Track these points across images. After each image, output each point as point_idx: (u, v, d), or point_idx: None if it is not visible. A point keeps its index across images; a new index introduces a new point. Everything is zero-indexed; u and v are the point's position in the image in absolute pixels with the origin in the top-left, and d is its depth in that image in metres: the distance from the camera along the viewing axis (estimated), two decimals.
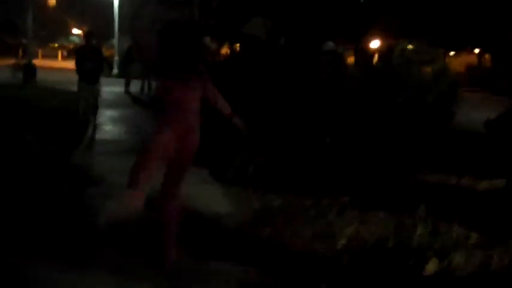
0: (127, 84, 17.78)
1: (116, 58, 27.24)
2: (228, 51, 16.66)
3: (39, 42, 54.80)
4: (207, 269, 4.05)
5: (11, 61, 21.71)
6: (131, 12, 32.06)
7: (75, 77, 9.37)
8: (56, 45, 56.15)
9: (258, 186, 6.23)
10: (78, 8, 48.37)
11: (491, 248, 4.57)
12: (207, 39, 16.09)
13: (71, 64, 38.74)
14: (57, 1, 54.58)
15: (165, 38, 3.69)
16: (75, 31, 55.78)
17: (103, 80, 10.38)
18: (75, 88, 9.48)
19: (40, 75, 19.78)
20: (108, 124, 10.78)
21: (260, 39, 14.33)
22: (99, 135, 9.56)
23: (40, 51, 49.31)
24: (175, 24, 3.71)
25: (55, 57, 48.17)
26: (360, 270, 4.08)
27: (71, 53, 49.90)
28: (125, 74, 18.37)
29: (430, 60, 8.95)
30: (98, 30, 43.02)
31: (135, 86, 17.69)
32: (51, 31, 54.50)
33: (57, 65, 37.75)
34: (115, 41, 28.50)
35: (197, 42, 3.90)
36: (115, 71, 26.86)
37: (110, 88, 18.75)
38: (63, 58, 49.17)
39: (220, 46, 16.25)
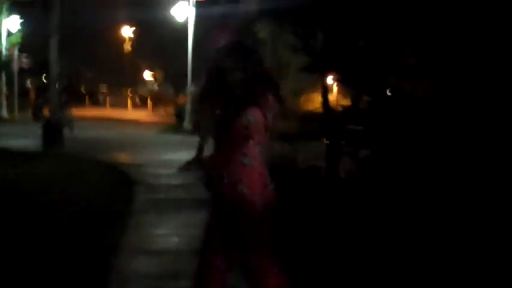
0: (200, 149, 11.21)
1: (188, 109, 21.48)
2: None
3: (112, 89, 51.47)
4: None
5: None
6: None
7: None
8: (129, 92, 51.99)
9: None
10: (151, 53, 44.14)
11: None
12: None
13: (140, 114, 33.80)
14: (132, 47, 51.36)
15: None
16: (147, 75, 51.99)
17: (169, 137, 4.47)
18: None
19: (91, 131, 17.09)
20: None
21: None
22: None
23: (107, 99, 45.27)
24: None
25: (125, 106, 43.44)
26: None
27: (144, 101, 45.41)
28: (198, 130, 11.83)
29: None
30: (175, 77, 38.70)
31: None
32: (125, 77, 50.98)
33: (124, 116, 32.64)
34: (188, 86, 22.89)
35: None
36: (186, 125, 21.03)
37: (175, 153, 12.42)
38: (135, 106, 44.45)
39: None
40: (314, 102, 26.81)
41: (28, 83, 33.11)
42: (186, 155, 10.00)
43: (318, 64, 9.00)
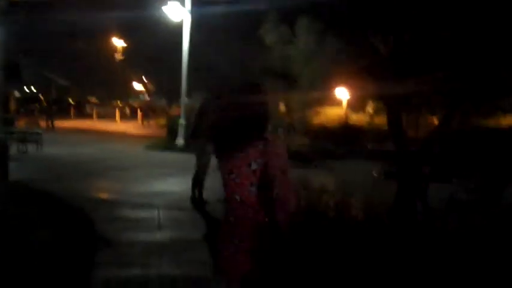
0: (196, 179, 7.87)
1: (182, 122, 18.29)
2: None
3: (101, 100, 48.64)
4: None
5: None
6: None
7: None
8: (120, 103, 49.10)
9: None
10: (143, 62, 41.24)
11: None
12: None
13: (129, 126, 30.49)
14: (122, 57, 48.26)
15: None
16: (136, 86, 49.09)
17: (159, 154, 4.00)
18: None
19: (65, 148, 15.24)
20: None
21: None
22: None
23: (95, 111, 42.22)
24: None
25: (113, 117, 40.17)
26: None
27: (135, 112, 42.15)
28: (194, 150, 8.17)
29: None
30: (168, 87, 35.60)
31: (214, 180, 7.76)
32: (114, 88, 48.12)
33: (111, 128, 29.32)
34: (182, 98, 19.66)
35: None
36: (180, 141, 17.89)
37: (164, 181, 9.42)
38: (124, 118, 41.33)
39: None
40: (325, 115, 23.71)
41: None
42: (179, 182, 6.65)
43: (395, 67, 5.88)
